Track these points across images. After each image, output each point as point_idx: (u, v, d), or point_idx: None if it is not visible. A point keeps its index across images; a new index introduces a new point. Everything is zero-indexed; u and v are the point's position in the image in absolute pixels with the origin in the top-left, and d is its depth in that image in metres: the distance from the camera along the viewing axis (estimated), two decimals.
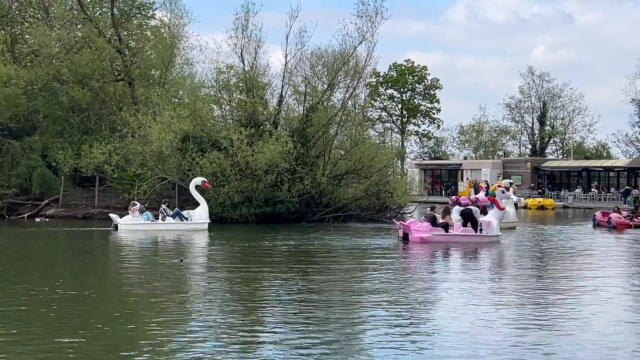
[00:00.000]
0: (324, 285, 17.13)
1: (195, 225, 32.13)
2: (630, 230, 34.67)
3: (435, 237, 26.73)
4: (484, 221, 28.18)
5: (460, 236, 27.26)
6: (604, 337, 12.33)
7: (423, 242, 26.52)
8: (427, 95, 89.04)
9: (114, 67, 43.00)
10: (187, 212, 32.81)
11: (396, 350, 11.30)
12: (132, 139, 38.15)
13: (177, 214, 32.50)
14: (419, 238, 26.64)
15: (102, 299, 15.43)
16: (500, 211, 29.28)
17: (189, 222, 32.25)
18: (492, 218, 28.37)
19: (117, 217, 31.94)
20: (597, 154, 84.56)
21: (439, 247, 25.92)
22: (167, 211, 32.41)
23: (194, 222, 32.30)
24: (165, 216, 32.26)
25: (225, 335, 12.20)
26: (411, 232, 26.97)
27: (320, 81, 42.05)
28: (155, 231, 31.10)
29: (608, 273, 20.36)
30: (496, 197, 29.68)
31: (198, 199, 32.98)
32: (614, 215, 36.31)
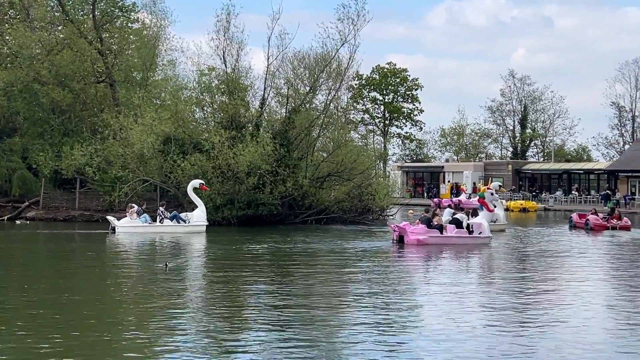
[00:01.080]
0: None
1: (193, 227, 32.13)
2: (607, 231, 35.16)
3: (431, 239, 26.91)
4: (475, 223, 28.54)
5: (455, 238, 27.50)
6: (585, 339, 12.44)
7: (420, 244, 26.65)
8: (409, 97, 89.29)
9: (95, 68, 42.76)
10: (185, 215, 32.79)
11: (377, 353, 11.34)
12: (114, 140, 37.96)
13: (175, 217, 32.44)
14: (415, 240, 26.77)
15: (77, 303, 15.33)
16: (489, 213, 29.79)
17: (186, 225, 32.22)
18: (482, 220, 28.71)
19: (115, 220, 31.85)
20: (577, 156, 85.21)
21: (433, 249, 26.06)
22: (165, 213, 32.39)
23: (191, 225, 32.29)
24: (163, 218, 32.23)
25: (208, 340, 12.17)
26: (407, 235, 27.06)
27: (302, 83, 42.13)
28: (152, 234, 31.01)
29: (598, 275, 20.59)
30: (485, 199, 30.10)
31: (196, 202, 33.01)
32: (592, 217, 36.86)
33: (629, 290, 17.87)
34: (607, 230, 35.62)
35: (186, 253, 25.24)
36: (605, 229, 35.71)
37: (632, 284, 19.04)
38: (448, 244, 27.08)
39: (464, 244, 27.24)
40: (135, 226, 31.59)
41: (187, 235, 30.88)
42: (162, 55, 46.43)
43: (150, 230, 31.53)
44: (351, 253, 24.90)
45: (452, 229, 27.86)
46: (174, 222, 32.23)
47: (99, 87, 43.52)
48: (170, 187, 37.55)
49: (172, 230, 31.69)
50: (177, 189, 37.24)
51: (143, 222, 31.97)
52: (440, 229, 27.47)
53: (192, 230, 31.88)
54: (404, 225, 28.06)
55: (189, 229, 32.04)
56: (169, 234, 31.02)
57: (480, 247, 27.18)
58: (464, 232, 27.90)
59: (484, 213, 29.57)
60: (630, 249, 28.09)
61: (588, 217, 37.21)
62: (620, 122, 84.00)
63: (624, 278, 20.24)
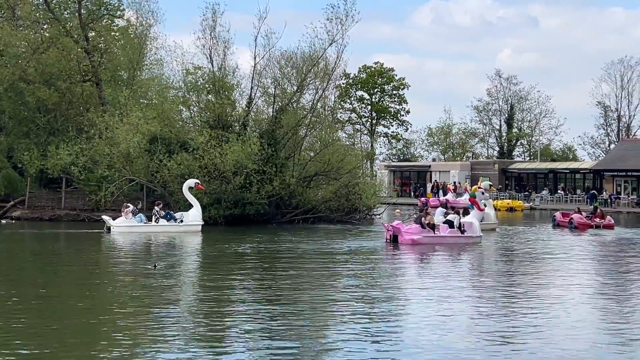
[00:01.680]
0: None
1: (188, 227, 32.10)
2: (591, 230, 35.59)
3: (425, 239, 27.06)
4: (466, 222, 28.80)
5: (448, 237, 27.68)
6: (565, 340, 12.51)
7: (414, 243, 26.74)
8: (395, 96, 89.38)
9: (81, 67, 42.56)
10: (180, 214, 32.75)
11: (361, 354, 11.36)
12: (99, 140, 37.80)
13: (167, 215, 32.37)
14: (410, 240, 26.86)
15: (60, 305, 15.27)
16: (480, 212, 30.13)
17: (182, 224, 32.17)
18: (473, 219, 28.94)
19: (110, 219, 31.76)
20: (563, 156, 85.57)
21: (427, 249, 26.17)
22: (161, 213, 32.32)
23: (187, 224, 32.26)
24: (158, 218, 32.17)
25: (193, 341, 12.15)
26: (401, 234, 27.09)
27: (289, 83, 42.07)
28: (148, 233, 30.93)
29: (587, 273, 20.70)
30: (477, 198, 30.45)
31: (191, 201, 33.00)
32: (576, 216, 37.37)
33: (621, 288, 18.00)
34: (592, 228, 36.04)
35: (178, 252, 25.21)
36: (590, 228, 36.16)
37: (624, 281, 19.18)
38: (441, 243, 27.20)
39: (457, 243, 27.43)
40: (131, 226, 31.53)
41: (182, 234, 30.83)
42: (148, 54, 46.29)
43: (146, 230, 31.47)
44: (346, 253, 24.90)
45: (445, 229, 28.08)
46: (171, 221, 32.20)
47: (85, 86, 43.30)
48: (157, 187, 37.45)
49: (168, 230, 31.65)
50: (163, 188, 37.15)
51: (138, 222, 31.95)
52: (432, 228, 27.64)
53: (188, 230, 31.85)
54: (398, 224, 28.07)
55: (185, 228, 32.01)
56: (164, 233, 30.99)
57: (472, 246, 27.39)
58: (457, 231, 28.11)
59: (474, 212, 29.93)
60: (622, 248, 28.26)
61: (572, 216, 37.64)
62: (606, 122, 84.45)
63: (618, 276, 20.39)
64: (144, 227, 31.72)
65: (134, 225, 31.60)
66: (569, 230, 36.23)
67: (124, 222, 31.65)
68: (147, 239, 28.98)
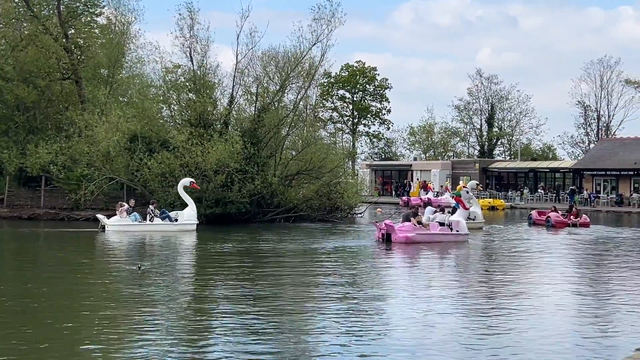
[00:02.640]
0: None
1: (183, 226, 31.99)
2: (567, 228, 36.17)
3: (418, 237, 27.24)
4: (454, 220, 29.06)
5: (439, 235, 27.97)
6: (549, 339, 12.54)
7: (408, 241, 26.86)
8: (377, 96, 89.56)
9: (60, 65, 42.21)
10: (175, 213, 32.62)
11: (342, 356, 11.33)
12: (79, 138, 37.50)
13: (163, 215, 32.25)
14: (404, 237, 26.96)
15: (42, 306, 15.13)
16: (465, 211, 30.56)
17: (176, 223, 32.05)
18: (460, 218, 29.25)
19: (105, 218, 31.59)
20: (543, 155, 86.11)
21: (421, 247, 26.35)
22: (155, 212, 32.19)
23: (182, 223, 32.15)
24: (153, 217, 32.03)
25: (173, 343, 12.06)
26: (395, 232, 27.15)
27: (272, 82, 41.97)
28: (142, 232, 30.79)
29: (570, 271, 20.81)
30: (462, 197, 30.82)
31: (186, 200, 32.85)
32: (553, 215, 37.93)
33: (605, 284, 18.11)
34: (568, 227, 36.62)
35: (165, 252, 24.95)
36: (566, 226, 36.74)
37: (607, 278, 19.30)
38: (433, 241, 27.41)
39: (448, 241, 27.77)
40: (125, 224, 31.37)
41: (177, 233, 30.72)
42: (128, 52, 45.97)
43: (140, 229, 31.32)
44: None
45: (435, 227, 28.40)
46: (165, 220, 32.10)
47: (65, 84, 42.97)
48: (137, 185, 37.21)
49: (162, 229, 31.53)
50: (143, 187, 36.92)
51: (133, 221, 31.76)
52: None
53: (183, 229, 31.74)
54: (390, 223, 28.01)
55: (180, 227, 31.91)
56: (159, 232, 30.88)
57: (460, 244, 27.67)
58: (447, 229, 28.49)
59: (460, 211, 30.27)
60: (607, 247, 28.47)
61: (549, 214, 38.22)
62: (586, 121, 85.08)
63: (602, 275, 20.52)
64: (139, 226, 31.58)
65: (128, 224, 31.44)
66: (545, 228, 36.57)
67: (118, 221, 31.50)
68: (141, 238, 28.88)
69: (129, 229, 30.95)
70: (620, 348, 11.61)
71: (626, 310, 14.80)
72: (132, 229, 31.10)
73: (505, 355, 11.27)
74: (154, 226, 31.69)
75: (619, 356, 11.00)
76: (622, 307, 15.17)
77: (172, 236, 29.64)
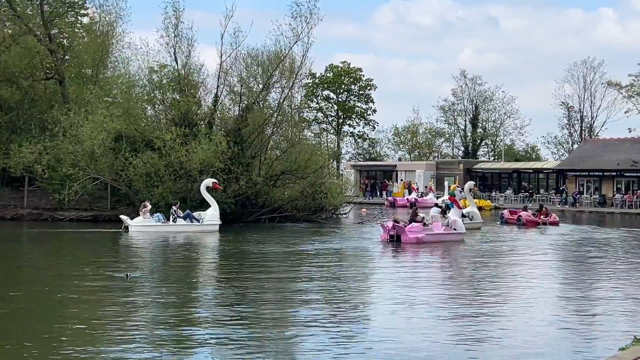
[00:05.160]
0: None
1: (206, 226, 32.03)
2: (539, 227, 37.01)
3: (427, 237, 27.67)
4: (451, 220, 29.24)
5: (445, 235, 28.53)
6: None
7: (419, 242, 27.19)
8: (362, 96, 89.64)
9: (44, 65, 41.94)
10: (198, 214, 32.72)
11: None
12: (63, 138, 37.26)
13: (188, 216, 32.32)
14: (414, 238, 27.26)
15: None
16: (459, 210, 31.05)
17: (199, 224, 32.11)
18: (456, 217, 29.52)
19: (128, 219, 31.58)
20: (527, 156, 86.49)
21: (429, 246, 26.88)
22: (179, 212, 32.22)
23: (204, 224, 32.20)
24: (176, 217, 32.05)
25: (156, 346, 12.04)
26: (405, 234, 27.28)
27: (255, 81, 41.91)
28: (166, 233, 30.82)
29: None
30: (456, 197, 31.26)
31: (209, 201, 32.94)
32: (524, 214, 38.88)
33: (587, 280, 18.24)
34: (539, 225, 37.43)
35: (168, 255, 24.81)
36: (536, 225, 37.55)
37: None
38: (440, 241, 27.93)
39: (451, 240, 28.38)
40: (149, 225, 31.37)
41: (200, 234, 30.76)
42: (113, 51, 45.72)
43: (164, 230, 31.39)
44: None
45: (438, 226, 28.73)
46: (187, 221, 32.13)
47: (48, 83, 42.70)
48: (122, 186, 37.03)
49: (185, 230, 31.57)
50: (128, 187, 36.75)
51: (156, 222, 31.78)
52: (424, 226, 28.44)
53: (205, 230, 31.79)
54: (399, 224, 28.01)
55: (202, 228, 31.96)
56: (182, 233, 30.90)
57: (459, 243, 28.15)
58: (450, 229, 28.98)
59: (454, 210, 30.55)
60: (586, 247, 28.71)
61: (520, 213, 39.16)
62: (570, 122, 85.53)
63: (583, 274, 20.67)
64: (162, 227, 31.64)
65: (151, 225, 31.50)
66: (517, 227, 37.39)
67: (142, 222, 31.54)
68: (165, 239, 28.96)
69: (152, 230, 31.02)
70: (605, 348, 11.70)
71: (610, 310, 14.92)
72: (155, 229, 31.17)
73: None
74: (177, 227, 31.76)
75: (603, 356, 11.09)
76: (605, 307, 15.29)
77: (194, 237, 29.78)
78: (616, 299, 16.25)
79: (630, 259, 24.22)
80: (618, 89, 79.95)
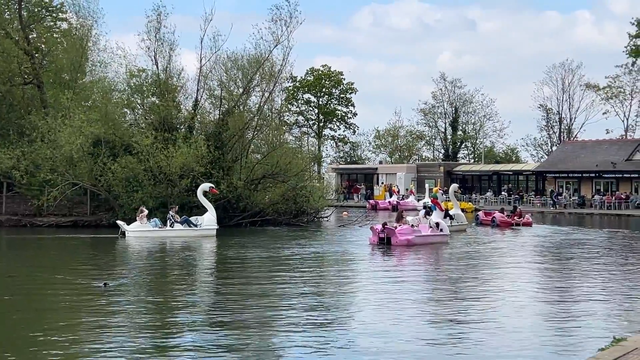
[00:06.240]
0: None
1: (203, 231, 31.89)
2: (513, 227, 37.68)
3: (417, 239, 27.84)
4: (438, 222, 29.70)
5: (431, 236, 28.69)
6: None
7: (409, 244, 27.30)
8: (343, 100, 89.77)
9: (22, 69, 41.60)
10: (195, 219, 32.55)
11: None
12: (42, 143, 36.94)
13: (185, 221, 32.14)
14: (405, 240, 27.36)
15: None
16: (441, 212, 31.29)
17: (197, 229, 31.97)
18: (439, 219, 29.65)
19: (124, 224, 31.39)
20: (506, 158, 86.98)
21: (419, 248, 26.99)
22: (176, 217, 32.05)
23: (202, 229, 32.06)
24: (173, 222, 31.89)
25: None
26: (396, 236, 27.36)
27: (236, 85, 41.84)
28: (163, 238, 30.64)
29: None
30: (438, 199, 31.44)
31: (206, 206, 32.79)
32: (498, 215, 39.59)
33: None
34: (512, 226, 38.06)
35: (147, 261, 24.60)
36: (510, 226, 38.17)
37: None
38: (428, 242, 28.14)
39: (439, 242, 28.59)
40: (146, 230, 31.22)
41: (197, 239, 30.62)
42: (92, 56, 45.43)
43: (161, 235, 31.21)
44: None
45: (425, 228, 28.89)
46: (185, 225, 31.99)
47: (26, 88, 42.34)
48: (101, 191, 36.79)
49: (183, 234, 31.43)
50: (107, 192, 36.52)
51: (153, 226, 31.64)
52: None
53: (203, 234, 31.66)
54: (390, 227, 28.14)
55: (200, 232, 31.82)
56: (179, 238, 30.76)
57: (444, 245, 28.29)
58: (436, 230, 29.16)
59: (436, 212, 30.69)
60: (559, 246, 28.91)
61: (494, 215, 39.77)
62: (548, 124, 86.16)
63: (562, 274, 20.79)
64: (159, 232, 31.48)
65: (149, 230, 31.34)
66: (491, 228, 37.90)
67: (139, 227, 31.36)
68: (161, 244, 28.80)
69: (149, 235, 30.88)
70: (584, 348, 11.76)
71: (590, 311, 15.01)
72: (152, 234, 31.03)
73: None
74: (174, 232, 31.61)
75: (583, 356, 11.14)
76: (585, 308, 15.38)
77: (192, 241, 29.63)
78: (595, 300, 16.36)
79: (607, 259, 24.38)
80: (596, 90, 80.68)
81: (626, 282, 19.27)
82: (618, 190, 57.54)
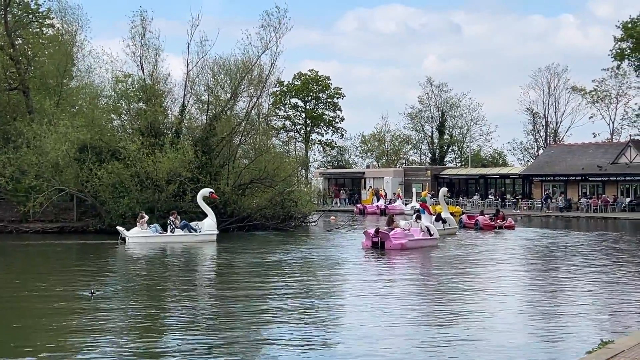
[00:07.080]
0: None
1: (203, 236, 31.85)
2: (495, 230, 38.13)
3: (410, 243, 27.90)
4: (428, 226, 29.79)
5: (423, 240, 28.77)
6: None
7: (403, 248, 27.33)
8: (330, 105, 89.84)
9: (7, 75, 41.37)
10: (195, 224, 32.51)
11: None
12: (27, 149, 36.70)
13: (185, 226, 32.07)
14: (399, 244, 27.43)
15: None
16: (430, 216, 31.43)
17: (197, 234, 31.93)
18: (428, 223, 29.77)
19: (124, 230, 31.25)
20: (493, 161, 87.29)
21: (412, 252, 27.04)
22: (176, 223, 31.96)
23: (202, 234, 32.03)
24: (174, 228, 31.81)
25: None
26: (390, 240, 27.38)
27: (223, 90, 41.79)
28: (163, 243, 30.54)
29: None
30: (427, 203, 31.63)
31: (206, 211, 32.75)
32: (481, 218, 40.15)
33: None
34: (495, 229, 38.42)
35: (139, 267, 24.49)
36: (493, 228, 38.58)
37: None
38: (420, 246, 28.18)
39: (430, 245, 28.75)
40: (146, 236, 31.10)
41: (197, 244, 30.57)
42: (77, 61, 45.23)
43: (161, 240, 31.09)
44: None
45: (417, 232, 28.96)
46: (185, 231, 31.91)
47: (12, 94, 42.08)
48: (87, 196, 36.61)
49: (183, 240, 31.35)
50: (94, 198, 36.35)
51: (153, 232, 31.51)
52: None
53: (203, 240, 31.61)
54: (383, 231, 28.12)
55: (200, 238, 31.79)
56: (179, 243, 30.68)
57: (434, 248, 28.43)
58: (427, 234, 29.23)
59: (425, 216, 30.79)
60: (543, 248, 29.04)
61: (477, 217, 40.29)
62: (535, 128, 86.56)
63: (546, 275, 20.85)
64: (160, 238, 31.36)
65: (149, 236, 31.22)
66: (474, 230, 38.33)
67: (139, 233, 31.23)
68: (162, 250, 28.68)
69: (149, 240, 30.77)
70: (572, 351, 11.80)
71: (577, 314, 15.07)
72: (153, 240, 30.92)
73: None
74: (174, 237, 31.52)
75: (571, 359, 11.17)
76: (573, 311, 15.43)
77: (192, 247, 29.56)
78: (583, 303, 16.42)
79: (594, 262, 24.50)
80: (582, 94, 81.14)
81: (614, 284, 19.35)
82: (604, 193, 57.87)
